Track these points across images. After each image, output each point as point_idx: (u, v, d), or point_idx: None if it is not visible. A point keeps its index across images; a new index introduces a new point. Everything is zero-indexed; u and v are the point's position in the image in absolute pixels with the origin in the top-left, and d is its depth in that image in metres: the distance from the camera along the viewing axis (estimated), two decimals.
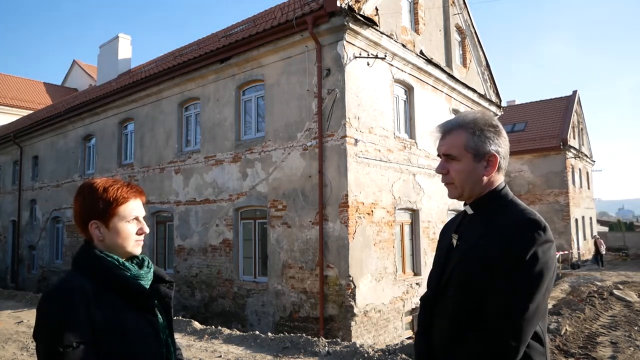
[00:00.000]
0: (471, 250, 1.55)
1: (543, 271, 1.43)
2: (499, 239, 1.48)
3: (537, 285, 1.42)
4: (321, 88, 9.28)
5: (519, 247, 1.44)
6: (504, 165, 1.66)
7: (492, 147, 1.61)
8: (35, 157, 19.35)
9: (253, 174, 10.52)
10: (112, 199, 1.59)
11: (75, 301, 1.43)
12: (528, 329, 1.42)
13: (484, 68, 16.10)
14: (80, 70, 33.52)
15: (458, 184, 1.65)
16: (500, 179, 1.66)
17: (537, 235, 1.45)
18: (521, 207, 1.57)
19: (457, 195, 1.69)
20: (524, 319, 1.40)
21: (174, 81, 12.44)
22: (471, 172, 1.62)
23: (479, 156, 1.61)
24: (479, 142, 1.61)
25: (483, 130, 1.62)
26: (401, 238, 10.90)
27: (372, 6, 9.85)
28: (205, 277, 11.42)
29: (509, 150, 1.68)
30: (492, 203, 1.62)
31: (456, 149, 1.63)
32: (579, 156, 27.62)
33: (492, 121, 1.65)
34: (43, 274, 18.09)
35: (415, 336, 1.83)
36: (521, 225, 1.48)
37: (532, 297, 1.41)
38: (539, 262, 1.42)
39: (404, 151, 10.91)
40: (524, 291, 1.41)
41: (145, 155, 13.57)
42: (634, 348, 7.24)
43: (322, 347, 7.04)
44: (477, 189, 1.65)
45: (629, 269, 21.01)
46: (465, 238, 1.63)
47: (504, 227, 1.50)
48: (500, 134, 1.64)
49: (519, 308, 1.40)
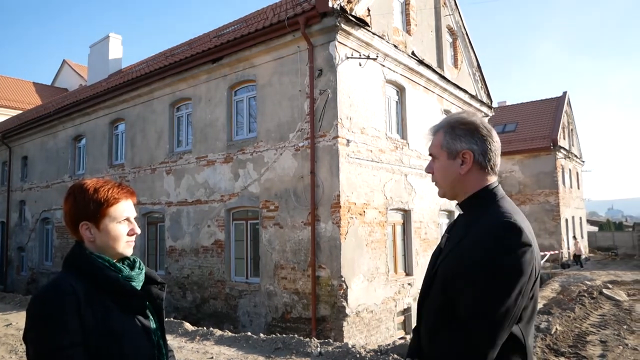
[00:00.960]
0: (452, 252, 1.55)
1: (513, 275, 1.39)
2: (474, 242, 1.47)
3: (506, 289, 1.38)
4: (313, 88, 9.28)
5: (491, 251, 1.41)
6: (486, 164, 1.61)
7: (464, 145, 1.61)
8: (25, 158, 19.16)
9: (245, 174, 10.50)
10: (103, 200, 1.58)
11: (66, 303, 1.42)
12: (497, 333, 1.39)
13: (475, 69, 16.19)
14: (70, 70, 33.23)
15: (439, 182, 1.71)
16: (489, 178, 1.64)
17: (510, 239, 1.42)
18: (501, 209, 1.52)
19: (442, 194, 1.74)
20: (491, 323, 1.38)
21: (166, 81, 12.38)
22: (447, 170, 1.66)
23: (452, 154, 1.64)
24: (450, 140, 1.64)
25: (454, 128, 1.65)
26: (393, 238, 10.93)
27: (364, 7, 9.87)
28: (197, 278, 11.38)
29: (492, 149, 1.62)
30: (477, 203, 1.61)
31: (435, 148, 1.70)
32: (569, 157, 27.86)
33: (465, 120, 1.64)
34: (32, 276, 17.91)
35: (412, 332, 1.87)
36: (493, 228, 1.45)
37: (502, 301, 1.37)
38: (509, 266, 1.39)
39: (395, 151, 10.94)
40: (492, 295, 1.38)
41: (136, 156, 13.49)
42: (622, 347, 7.31)
43: (314, 347, 7.04)
44: (458, 187, 1.66)
45: (618, 268, 21.22)
46: (450, 240, 1.63)
47: (480, 228, 1.49)
48: (474, 132, 1.61)
49: (485, 312, 1.38)
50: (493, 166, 1.63)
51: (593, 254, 30.13)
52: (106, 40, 19.51)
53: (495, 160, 1.64)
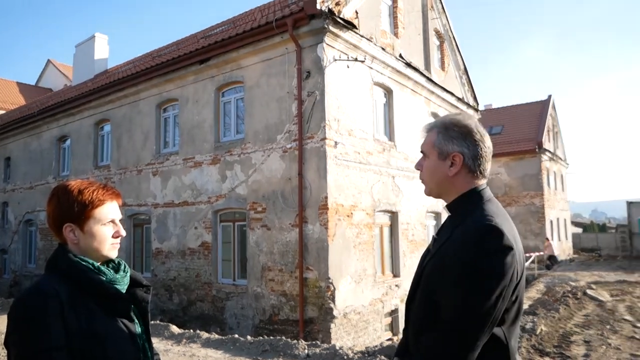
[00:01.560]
0: (437, 253, 1.56)
1: (493, 278, 1.39)
2: (456, 244, 1.47)
3: (486, 291, 1.39)
4: (301, 90, 9.28)
5: (471, 253, 1.41)
6: (475, 168, 1.63)
7: (455, 147, 1.62)
8: (8, 159, 18.85)
9: (232, 176, 10.45)
10: (87, 202, 1.55)
11: (49, 306, 1.40)
12: (477, 335, 1.40)
13: (461, 72, 16.33)
14: (55, 70, 32.77)
15: (426, 180, 1.72)
16: (476, 181, 1.64)
17: (490, 242, 1.42)
18: (484, 212, 1.53)
19: (427, 192, 1.75)
20: (470, 325, 1.39)
21: (152, 82, 12.28)
22: (435, 170, 1.67)
23: (443, 154, 1.65)
24: (443, 140, 1.65)
25: (448, 129, 1.65)
26: (380, 240, 10.96)
27: (352, 9, 9.90)
28: (184, 280, 11.29)
29: (489, 150, 1.64)
30: (463, 206, 1.62)
31: (426, 146, 1.71)
32: (554, 159, 28.23)
33: (460, 122, 1.65)
34: (15, 279, 17.61)
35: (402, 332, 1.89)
36: (477, 231, 1.46)
37: (482, 304, 1.38)
38: (489, 269, 1.40)
39: (383, 153, 10.97)
40: (472, 297, 1.39)
41: (122, 157, 13.35)
42: (606, 346, 7.41)
43: (302, 349, 7.03)
44: (445, 188, 1.67)
45: (602, 269, 21.50)
46: (438, 240, 1.64)
47: (462, 233, 1.49)
48: (467, 136, 1.62)
49: (465, 314, 1.39)
50: (482, 171, 1.64)
51: (577, 255, 30.52)
52: (92, 40, 19.29)
53: (485, 165, 1.64)
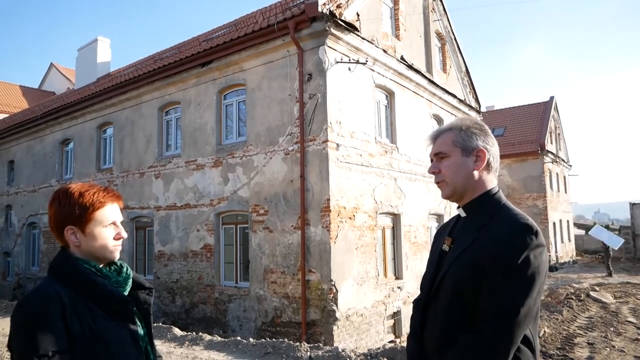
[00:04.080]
0: (463, 254, 1.56)
1: (535, 275, 1.44)
2: (492, 243, 1.50)
3: (529, 289, 1.43)
4: (303, 93, 9.29)
5: (511, 252, 1.45)
6: (495, 166, 1.71)
7: (480, 143, 1.68)
8: (11, 162, 18.92)
9: (234, 178, 10.46)
10: (88, 204, 1.56)
11: (51, 310, 1.40)
12: (518, 333, 1.43)
13: (463, 74, 16.33)
14: (57, 73, 32.89)
15: (449, 180, 1.69)
16: (493, 181, 1.70)
17: (529, 239, 1.47)
18: (514, 212, 1.59)
19: (450, 193, 1.71)
20: (514, 323, 1.41)
21: (154, 85, 12.32)
22: (461, 166, 1.67)
23: (467, 151, 1.67)
24: (466, 137, 1.68)
25: (469, 127, 1.71)
26: (383, 242, 10.95)
27: (354, 12, 9.92)
28: (186, 282, 11.29)
29: (498, 153, 1.74)
30: (485, 206, 1.64)
31: (445, 146, 1.71)
32: (556, 161, 28.16)
33: (478, 122, 1.75)
34: (19, 281, 17.65)
35: (407, 338, 1.84)
36: (514, 229, 1.50)
37: (524, 301, 1.42)
38: (531, 267, 1.44)
39: (385, 156, 10.97)
40: (516, 295, 1.43)
41: (124, 160, 13.38)
42: (609, 348, 7.38)
43: (304, 352, 7.02)
44: (469, 186, 1.67)
45: (605, 271, 21.41)
46: (458, 242, 1.64)
47: (497, 232, 1.52)
48: (487, 133, 1.72)
49: (510, 312, 1.42)
50: (497, 170, 1.73)
51: (580, 257, 30.41)
52: (94, 43, 19.34)
53: (497, 165, 1.74)
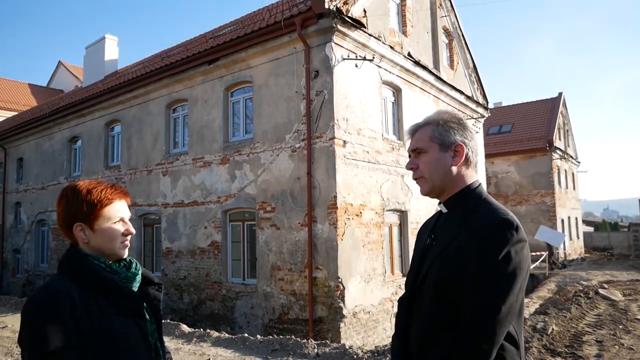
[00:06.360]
0: (445, 251, 1.54)
1: (516, 271, 1.41)
2: (472, 238, 1.47)
3: (510, 286, 1.40)
4: (309, 90, 9.28)
5: (491, 247, 1.42)
6: (474, 160, 1.67)
7: (457, 137, 1.64)
8: (20, 160, 19.08)
9: (241, 175, 10.48)
10: (96, 201, 1.57)
11: (61, 306, 1.41)
12: (500, 331, 1.40)
13: (471, 70, 16.23)
14: (65, 71, 33.10)
15: (427, 176, 1.67)
16: (473, 176, 1.66)
17: (509, 235, 1.43)
18: (494, 206, 1.55)
19: (428, 189, 1.68)
20: (496, 320, 1.39)
21: (162, 82, 12.36)
22: (438, 162, 1.64)
23: (445, 146, 1.64)
24: (444, 132, 1.65)
25: (447, 121, 1.67)
26: (390, 239, 10.93)
27: (360, 8, 9.88)
28: (194, 279, 11.35)
29: (475, 148, 1.69)
30: (465, 201, 1.62)
31: (423, 142, 1.68)
32: (565, 157, 27.94)
33: (456, 115, 1.71)
34: (28, 278, 17.82)
35: (392, 338, 1.81)
36: (494, 224, 1.47)
37: (505, 298, 1.39)
38: (512, 263, 1.41)
39: (392, 152, 10.94)
40: (497, 292, 1.40)
41: (132, 157, 13.45)
42: (618, 346, 7.33)
43: (312, 349, 7.03)
44: (448, 181, 1.65)
45: (614, 268, 21.29)
46: (439, 238, 1.62)
47: (476, 227, 1.49)
48: (466, 127, 1.68)
49: (491, 309, 1.39)
50: (476, 164, 1.69)
51: (589, 254, 30.22)
52: (102, 41, 19.45)
53: (476, 159, 1.70)
